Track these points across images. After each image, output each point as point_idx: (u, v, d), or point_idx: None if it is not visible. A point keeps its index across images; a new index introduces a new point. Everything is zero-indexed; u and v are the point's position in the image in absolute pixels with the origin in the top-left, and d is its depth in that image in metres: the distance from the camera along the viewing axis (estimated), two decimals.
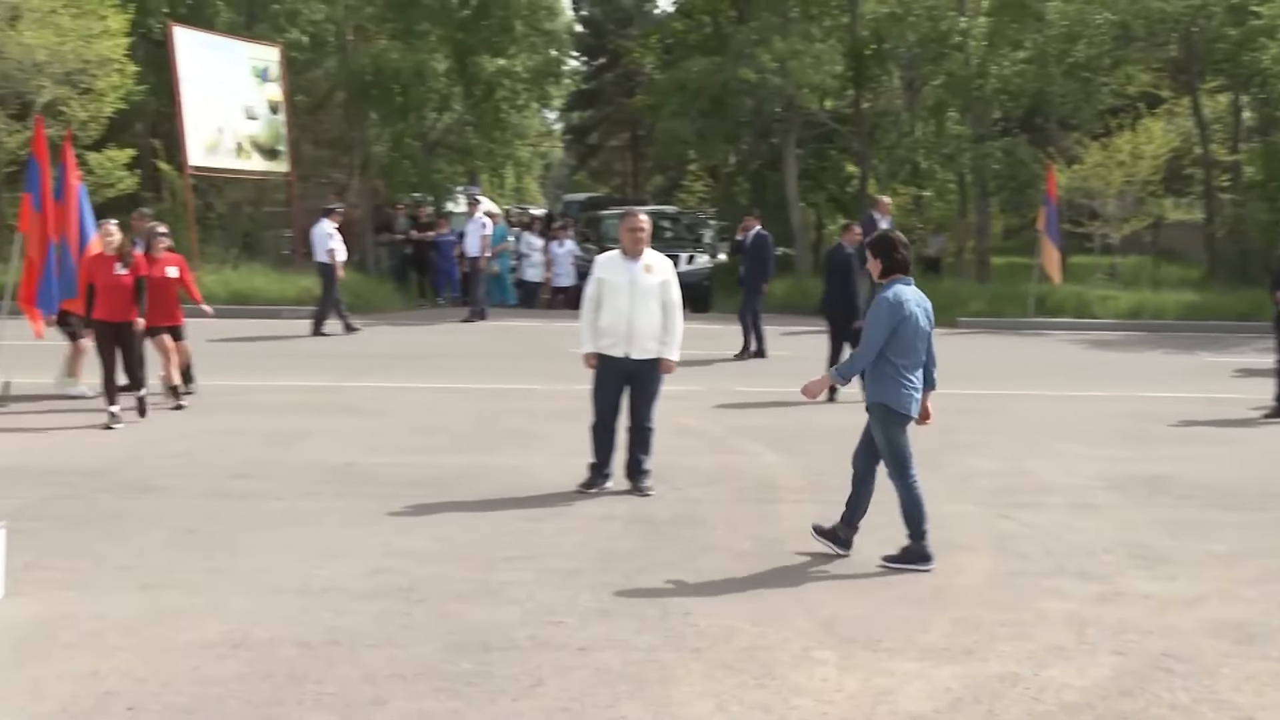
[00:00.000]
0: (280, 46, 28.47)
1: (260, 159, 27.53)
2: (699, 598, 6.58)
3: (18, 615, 5.98)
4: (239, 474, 9.32)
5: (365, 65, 29.40)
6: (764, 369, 16.49)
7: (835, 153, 32.16)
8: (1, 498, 8.31)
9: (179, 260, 12.73)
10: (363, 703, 5.00)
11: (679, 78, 29.52)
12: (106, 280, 11.55)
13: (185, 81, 25.09)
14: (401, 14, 31.09)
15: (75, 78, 24.75)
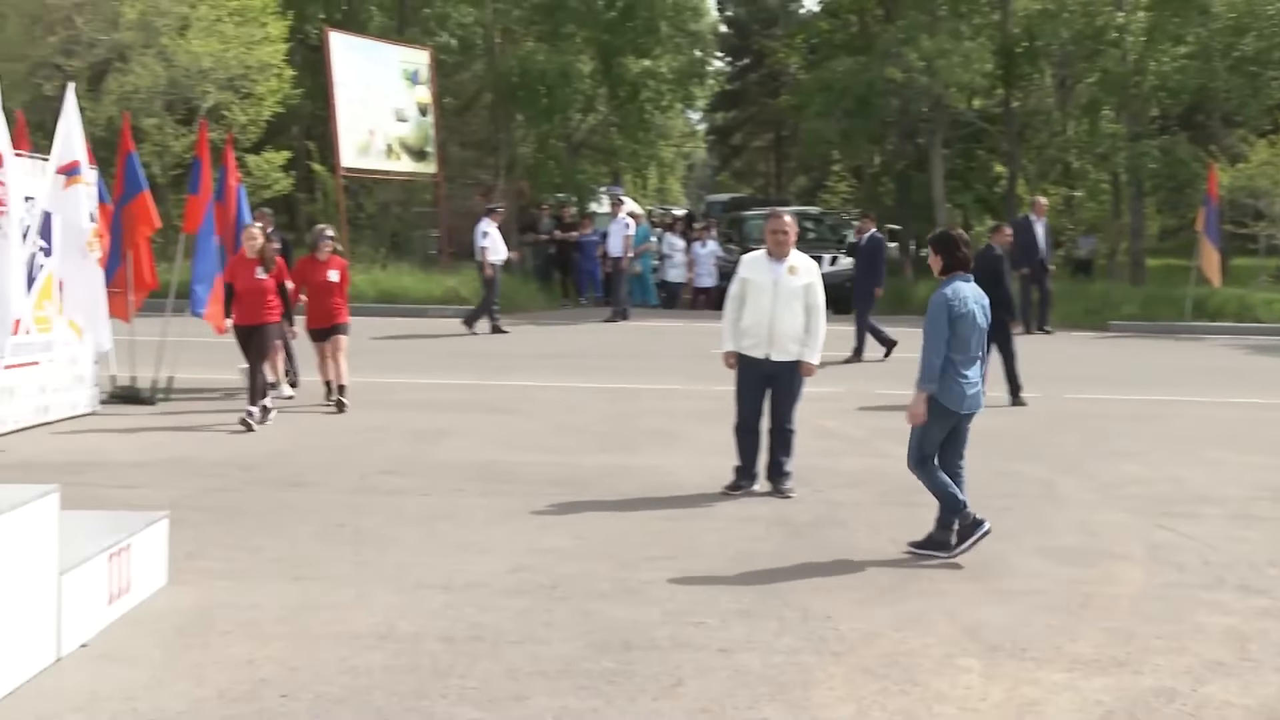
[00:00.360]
0: (430, 50, 28.97)
1: (409, 160, 28.04)
2: (840, 601, 6.51)
3: (180, 603, 6.18)
4: (385, 470, 9.50)
5: (512, 67, 29.74)
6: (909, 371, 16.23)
7: (983, 153, 31.59)
8: (164, 489, 8.62)
9: (340, 264, 12.81)
10: (505, 698, 5.06)
11: (824, 78, 29.29)
12: (246, 283, 11.66)
13: (339, 85, 25.67)
14: (548, 16, 31.40)
15: (237, 83, 25.55)
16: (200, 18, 25.03)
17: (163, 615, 5.98)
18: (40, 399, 11.08)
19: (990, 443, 11.21)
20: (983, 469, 9.99)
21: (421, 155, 28.41)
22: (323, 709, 4.88)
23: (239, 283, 11.74)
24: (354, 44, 27.10)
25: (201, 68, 24.80)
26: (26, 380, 10.84)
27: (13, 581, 4.94)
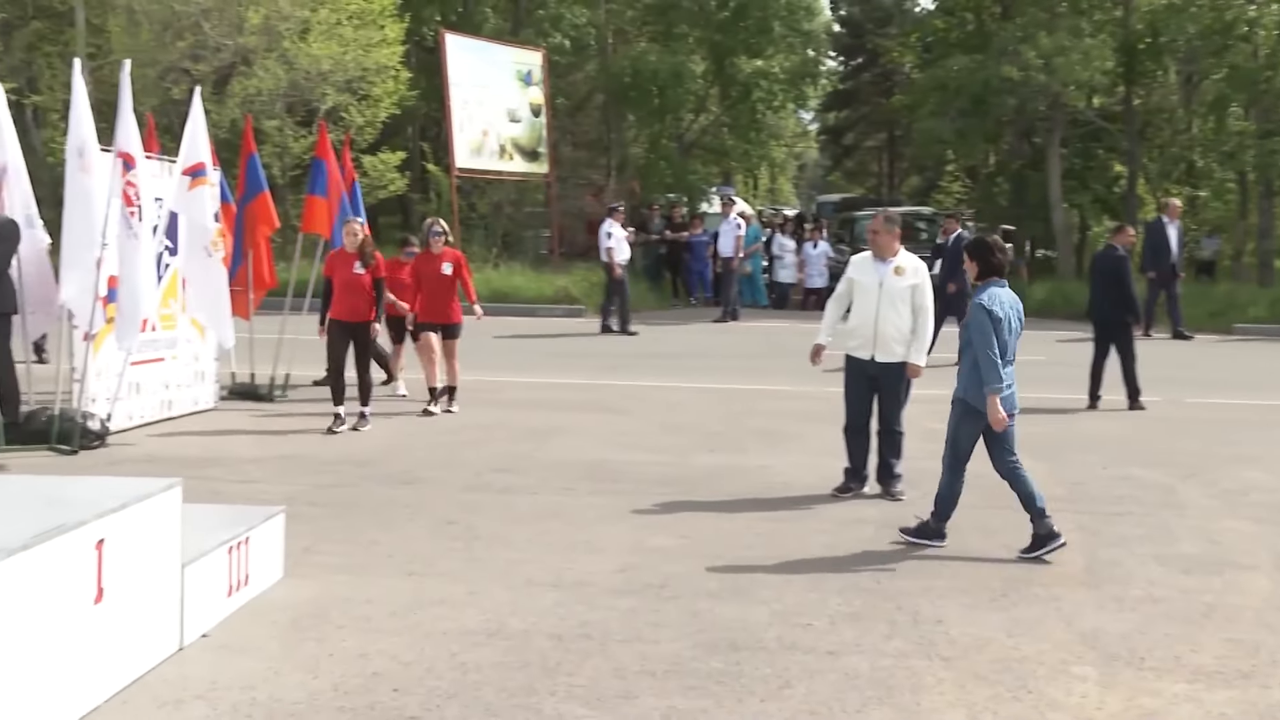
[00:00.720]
0: (543, 51, 29.18)
1: (521, 160, 28.27)
2: (951, 605, 6.43)
3: (296, 596, 6.31)
4: (496, 468, 9.59)
5: (624, 68, 29.85)
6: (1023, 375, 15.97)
7: (1102, 152, 30.91)
8: (281, 484, 8.80)
9: (456, 257, 12.47)
10: (612, 697, 5.08)
11: (939, 76, 28.95)
12: (344, 277, 11.36)
13: (454, 86, 25.97)
14: (661, 17, 31.45)
15: (355, 85, 26.03)
16: (321, 21, 25.54)
17: (280, 607, 6.10)
18: (164, 394, 11.38)
19: (1108, 447, 11.02)
20: (1100, 474, 9.83)
21: (534, 155, 28.65)
22: (433, 704, 4.94)
23: (337, 277, 11.47)
24: (469, 45, 27.40)
25: (321, 70, 25.30)
26: (152, 376, 11.14)
27: (139, 572, 5.09)
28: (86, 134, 10.09)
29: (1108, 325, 13.18)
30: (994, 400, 7.35)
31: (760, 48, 31.17)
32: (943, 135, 29.47)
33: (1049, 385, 14.77)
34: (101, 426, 10.10)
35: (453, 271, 12.34)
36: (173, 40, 25.09)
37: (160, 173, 11.29)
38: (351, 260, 11.34)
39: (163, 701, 4.89)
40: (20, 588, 4.28)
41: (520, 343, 18.67)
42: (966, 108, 28.19)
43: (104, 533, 4.80)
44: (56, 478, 6.42)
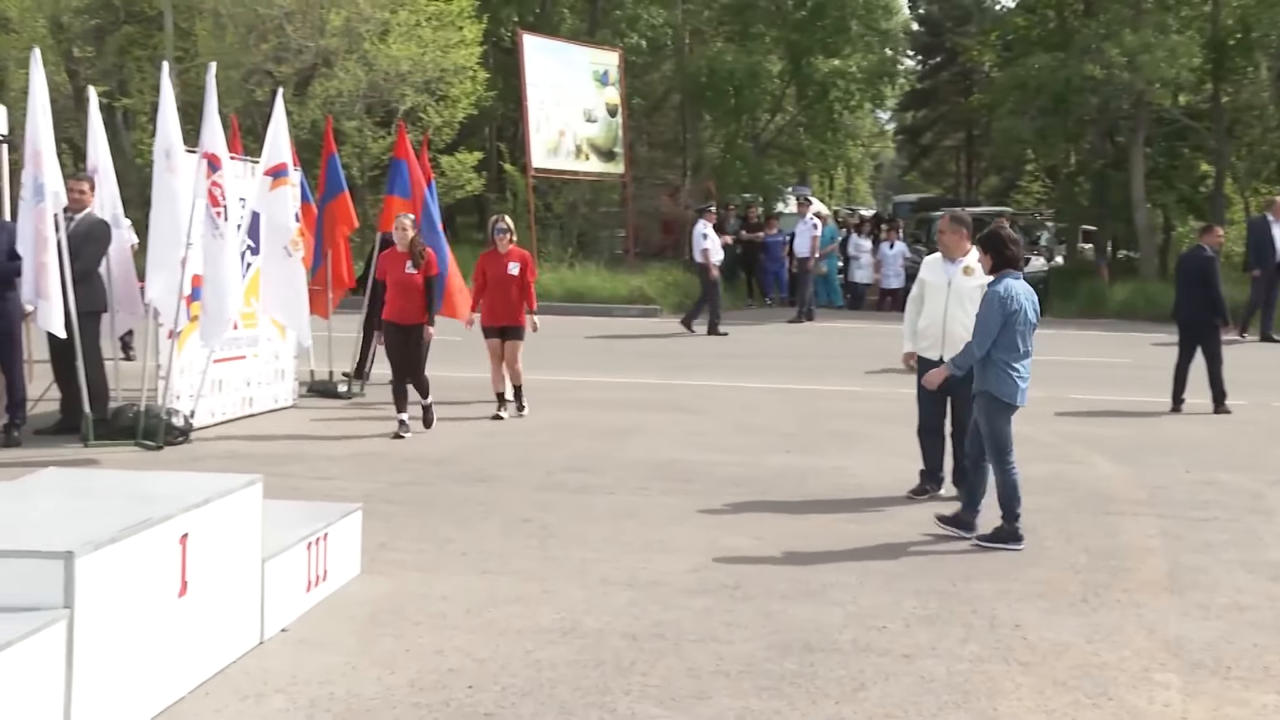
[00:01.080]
0: (619, 51, 29.24)
1: (597, 160, 28.35)
2: (1029, 610, 6.36)
3: (373, 592, 6.37)
4: (571, 467, 9.63)
5: (701, 67, 29.83)
6: (1104, 377, 15.79)
7: (1188, 150, 30.35)
8: (358, 482, 8.90)
9: (522, 257, 12.09)
10: (686, 697, 5.08)
11: (1019, 75, 28.59)
12: (395, 278, 11.07)
13: (531, 86, 26.10)
14: (738, 16, 31.39)
15: (433, 85, 26.23)
16: (400, 23, 25.79)
17: (357, 603, 6.17)
18: (245, 391, 11.54)
19: (1192, 451, 10.83)
20: (1184, 478, 9.67)
21: (610, 155, 28.72)
22: (508, 701, 4.97)
23: (390, 278, 11.13)
24: (546, 46, 27.52)
25: (400, 71, 25.55)
26: (234, 374, 11.31)
27: (221, 566, 5.17)
28: (173, 135, 10.26)
29: (1193, 327, 12.94)
30: (942, 372, 7.91)
31: (837, 47, 31.00)
32: (1022, 134, 29.09)
33: (1132, 388, 14.58)
34: (185, 423, 10.26)
35: (519, 272, 11.97)
36: (256, 43, 25.45)
37: (243, 173, 11.45)
38: (403, 260, 11.06)
39: (244, 694, 4.97)
40: (108, 580, 4.37)
41: (595, 342, 18.71)
42: (1047, 106, 27.82)
43: (188, 527, 4.88)
44: (142, 473, 6.53)
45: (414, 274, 10.98)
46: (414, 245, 11.06)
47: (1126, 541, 7.76)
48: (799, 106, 32.75)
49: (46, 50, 17.35)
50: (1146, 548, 7.58)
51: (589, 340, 18.78)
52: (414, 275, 10.98)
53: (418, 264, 11.00)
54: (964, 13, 50.09)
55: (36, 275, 9.61)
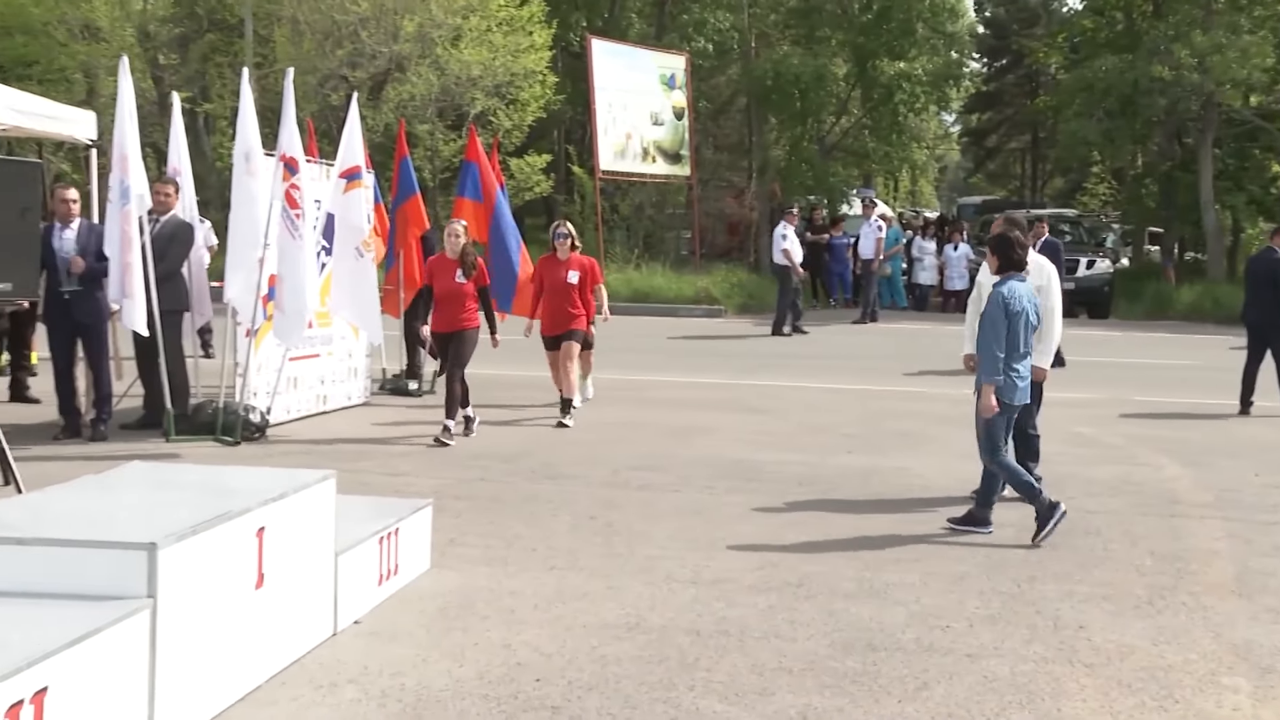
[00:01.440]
0: (686, 55, 29.25)
1: (664, 163, 28.38)
2: (1094, 611, 6.28)
3: (442, 586, 6.42)
4: (637, 465, 9.64)
5: (766, 71, 29.77)
6: (1170, 379, 15.57)
7: (1259, 152, 29.82)
8: (428, 478, 8.97)
9: (583, 264, 11.73)
10: (750, 693, 5.07)
11: (1085, 77, 28.26)
12: (444, 286, 10.56)
13: (599, 90, 26.19)
14: (804, 20, 31.30)
15: (503, 89, 26.38)
16: (472, 28, 25.98)
17: (427, 597, 6.22)
18: (319, 389, 11.67)
19: (1261, 454, 10.66)
20: (1253, 481, 9.52)
21: (676, 158, 28.74)
22: (574, 695, 4.99)
23: (438, 286, 10.62)
24: (614, 50, 27.61)
25: (471, 75, 25.74)
26: (308, 371, 11.44)
27: (296, 559, 5.23)
28: (252, 139, 10.40)
29: (1262, 329, 12.72)
30: (989, 391, 7.56)
31: (903, 50, 30.81)
32: (1089, 136, 28.74)
33: (1199, 390, 14.37)
34: (262, 419, 10.39)
35: (578, 281, 11.57)
36: (332, 49, 25.75)
37: (318, 176, 11.58)
38: (453, 268, 10.56)
39: (318, 684, 5.03)
40: (188, 571, 4.44)
41: (660, 343, 18.72)
42: (1114, 108, 27.48)
43: (264, 521, 4.95)
44: (221, 467, 6.61)
45: (464, 283, 10.52)
46: (465, 253, 10.56)
47: (1193, 544, 7.65)
48: (864, 109, 32.59)
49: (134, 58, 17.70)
50: (1213, 550, 7.47)
51: (654, 340, 18.78)
52: (464, 285, 10.52)
53: (469, 273, 10.55)
54: (1030, 15, 49.61)
55: (122, 275, 9.80)
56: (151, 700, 4.26)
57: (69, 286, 9.91)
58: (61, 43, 26.75)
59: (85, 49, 26.67)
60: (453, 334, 10.60)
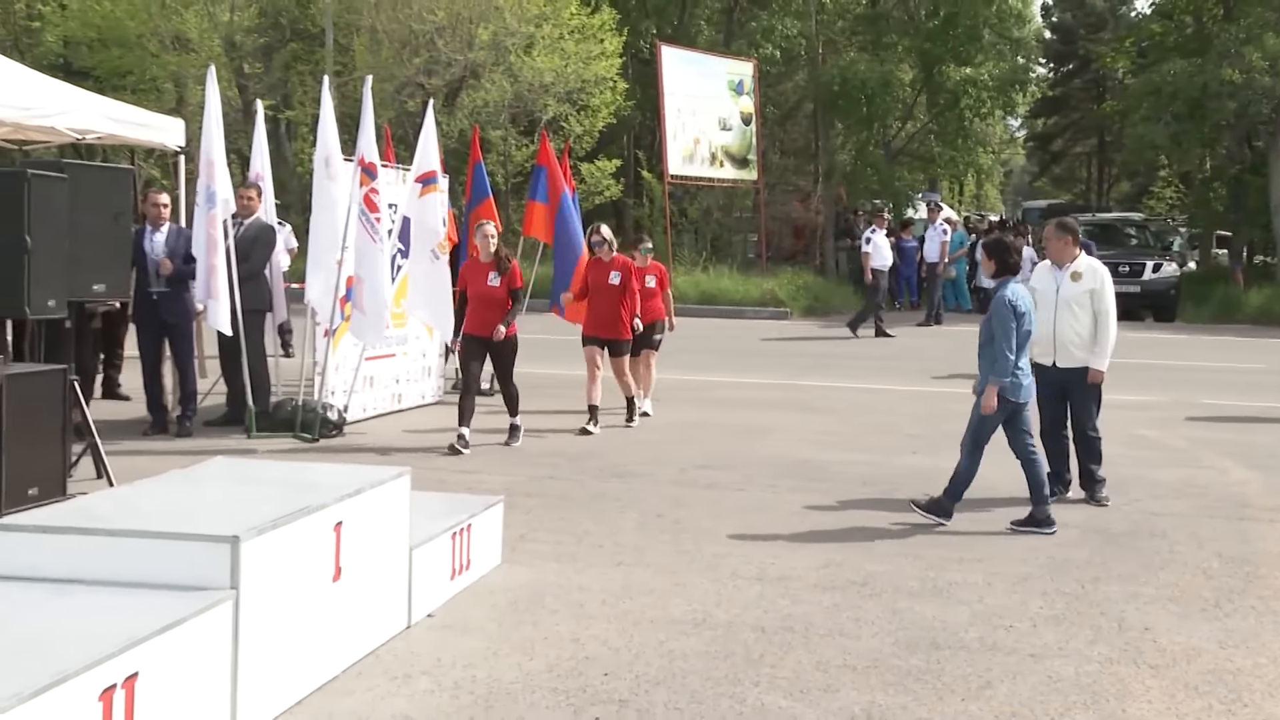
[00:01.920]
0: (754, 61, 29.19)
1: (731, 167, 28.35)
2: (1159, 613, 6.18)
3: (513, 581, 6.45)
4: (703, 464, 9.63)
5: (833, 77, 29.65)
6: (1237, 382, 15.29)
7: None
8: (499, 475, 9.02)
9: (626, 266, 11.19)
10: (814, 689, 5.05)
11: (1153, 81, 27.80)
12: (477, 289, 10.13)
13: (669, 96, 26.20)
14: (871, 27, 31.14)
15: (574, 96, 26.47)
16: (544, 36, 26.10)
17: (498, 591, 6.25)
18: (394, 388, 11.78)
19: None
20: None
21: (743, 162, 28.68)
22: (641, 689, 5.00)
23: (471, 289, 10.17)
24: (684, 57, 27.60)
25: (543, 82, 25.85)
26: (384, 371, 11.54)
27: (372, 553, 5.28)
28: (332, 145, 10.52)
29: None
30: (993, 390, 7.68)
31: (969, 55, 30.54)
32: (1156, 140, 28.28)
33: (1267, 393, 14.09)
34: (339, 417, 10.50)
35: (620, 282, 11.15)
36: (409, 57, 25.97)
37: (395, 180, 11.68)
38: (486, 270, 10.14)
39: (393, 675, 5.07)
40: (269, 563, 4.50)
41: (726, 344, 18.68)
42: (1182, 112, 27.01)
43: (342, 516, 5.00)
44: (300, 463, 6.70)
45: (497, 286, 10.08)
46: (499, 255, 10.19)
47: (1262, 548, 7.50)
48: (930, 114, 32.33)
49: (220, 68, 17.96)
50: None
51: (720, 341, 18.75)
52: (497, 288, 10.07)
53: (502, 274, 10.11)
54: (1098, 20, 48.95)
55: (207, 277, 9.95)
56: (234, 687, 4.33)
57: (157, 287, 10.09)
58: (153, 54, 27.22)
59: (175, 59, 27.12)
60: (486, 339, 10.13)
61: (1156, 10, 33.07)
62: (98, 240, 8.14)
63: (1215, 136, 29.11)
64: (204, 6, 27.38)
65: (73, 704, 3.57)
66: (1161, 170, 38.67)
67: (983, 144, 36.05)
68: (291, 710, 4.65)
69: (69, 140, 12.44)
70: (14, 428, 7.31)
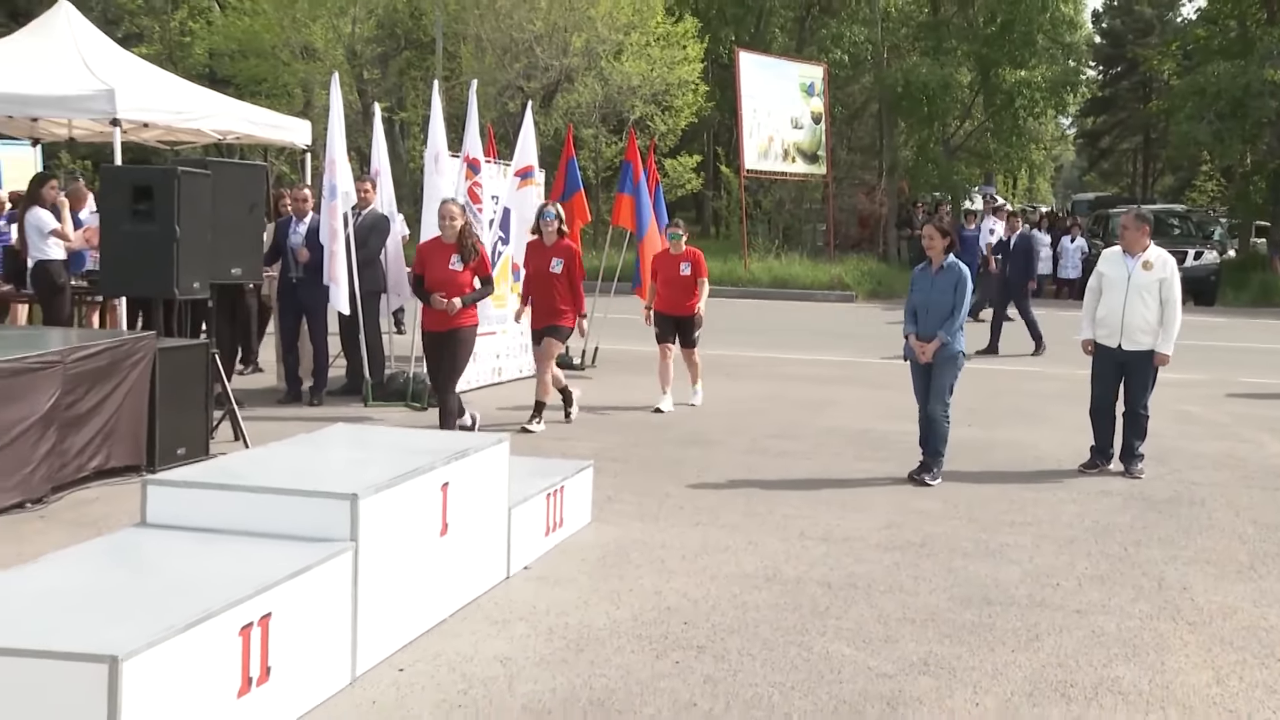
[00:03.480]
0: (824, 65, 28.91)
1: (802, 163, 28.14)
2: (1196, 574, 6.05)
3: (601, 538, 6.48)
4: (774, 434, 9.58)
5: (897, 79, 29.33)
6: (1275, 362, 14.87)
7: None
8: (590, 442, 9.04)
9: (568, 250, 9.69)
10: (876, 640, 5.01)
11: (1198, 82, 27.07)
12: (436, 273, 8.25)
13: (746, 98, 26.05)
14: (932, 33, 30.72)
15: (660, 97, 26.43)
16: (633, 43, 26.08)
17: (587, 547, 6.28)
18: (495, 363, 11.84)
19: None
20: None
21: (813, 158, 28.45)
22: (717, 637, 5.00)
23: (429, 274, 8.28)
24: (760, 62, 27.42)
25: (631, 85, 25.85)
26: (486, 347, 11.59)
27: (475, 511, 5.33)
28: (441, 143, 10.59)
29: None
30: (937, 343, 7.91)
31: (1024, 59, 29.99)
32: (1199, 137, 27.55)
33: None
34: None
35: (562, 270, 9.52)
36: (510, 63, 26.07)
37: (497, 174, 11.74)
38: (448, 253, 8.36)
39: (494, 620, 5.12)
40: (383, 518, 4.56)
41: (796, 324, 18.55)
42: (1225, 111, 26.27)
43: (448, 477, 5.05)
44: (410, 430, 6.77)
45: (460, 270, 8.30)
46: (464, 238, 8.26)
47: None
48: (987, 113, 31.81)
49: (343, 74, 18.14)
50: None
51: (790, 321, 18.63)
52: (460, 272, 8.30)
53: (468, 258, 8.32)
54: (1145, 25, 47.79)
55: (329, 262, 10.08)
56: (354, 627, 4.40)
57: (296, 273, 10.24)
58: (285, 63, 27.62)
59: (304, 67, 27.49)
60: (443, 334, 8.32)
61: (1202, 15, 32.15)
62: (236, 229, 8.29)
63: (1256, 133, 28.25)
64: (329, 20, 27.69)
65: (217, 638, 3.65)
66: (1204, 165, 37.64)
67: (1035, 141, 35.42)
68: (404, 649, 4.71)
69: (212, 140, 12.71)
70: (164, 395, 7.50)
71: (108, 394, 7.14)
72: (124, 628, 3.47)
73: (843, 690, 4.48)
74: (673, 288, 10.69)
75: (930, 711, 4.33)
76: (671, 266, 10.74)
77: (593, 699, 4.34)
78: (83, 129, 12.68)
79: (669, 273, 10.73)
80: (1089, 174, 58.60)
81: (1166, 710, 4.41)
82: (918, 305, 8.05)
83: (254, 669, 3.81)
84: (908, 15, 32.94)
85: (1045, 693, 4.53)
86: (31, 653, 3.33)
